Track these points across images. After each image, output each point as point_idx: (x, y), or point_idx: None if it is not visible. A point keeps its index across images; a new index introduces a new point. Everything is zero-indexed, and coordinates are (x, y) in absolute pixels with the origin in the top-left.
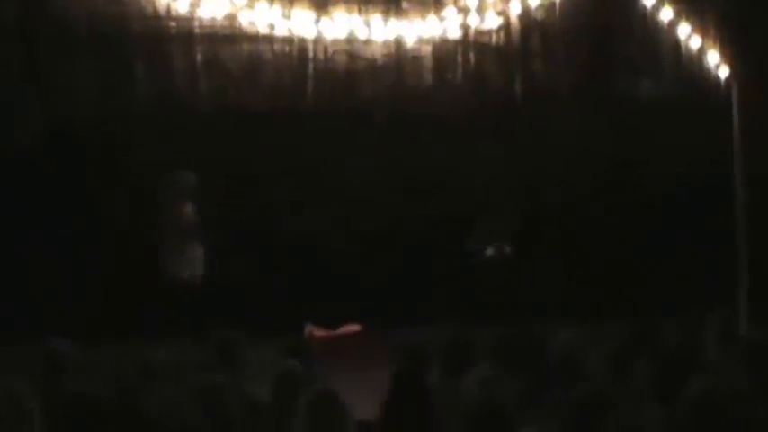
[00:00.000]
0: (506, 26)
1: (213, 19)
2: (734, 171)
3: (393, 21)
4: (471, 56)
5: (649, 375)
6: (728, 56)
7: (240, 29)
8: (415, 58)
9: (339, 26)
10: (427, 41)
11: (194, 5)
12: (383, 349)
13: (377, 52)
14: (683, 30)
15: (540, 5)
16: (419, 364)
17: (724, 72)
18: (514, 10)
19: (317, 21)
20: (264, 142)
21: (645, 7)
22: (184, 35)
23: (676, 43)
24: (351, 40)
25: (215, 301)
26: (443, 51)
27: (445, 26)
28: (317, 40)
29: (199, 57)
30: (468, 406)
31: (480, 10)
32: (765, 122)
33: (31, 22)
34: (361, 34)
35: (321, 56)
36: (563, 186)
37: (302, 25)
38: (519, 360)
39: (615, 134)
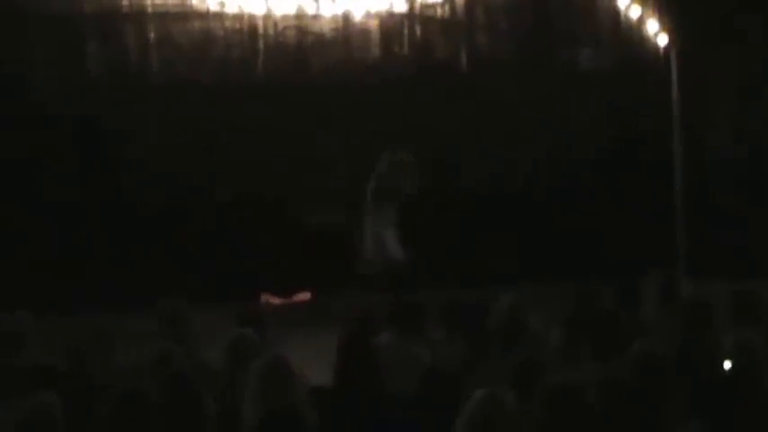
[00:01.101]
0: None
1: None
2: (672, 137)
3: None
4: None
5: (589, 336)
6: (667, 24)
7: (191, 7)
8: (363, 32)
9: (288, 2)
10: (374, 15)
11: None
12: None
13: (325, 27)
14: None
15: None
16: (367, 328)
17: (663, 40)
18: None
19: None
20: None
21: None
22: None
23: (616, 12)
24: (300, 15)
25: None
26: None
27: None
28: (267, 17)
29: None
30: (418, 369)
31: None
32: (703, 90)
33: None
34: (310, 9)
35: (271, 31)
36: (505, 155)
37: (252, 2)
38: (463, 324)
39: (556, 103)
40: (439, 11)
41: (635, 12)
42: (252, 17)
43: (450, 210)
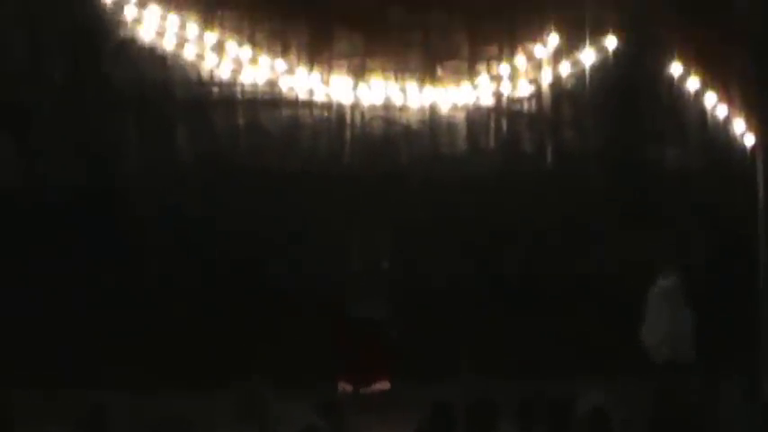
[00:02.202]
0: (538, 94)
1: (254, 84)
2: (758, 238)
3: (428, 88)
4: (504, 122)
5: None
6: (754, 125)
7: (280, 94)
8: (450, 125)
9: (376, 92)
10: (461, 108)
11: (236, 72)
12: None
13: (412, 118)
14: (709, 99)
15: (571, 74)
16: (447, 422)
17: (749, 140)
18: (545, 78)
19: (355, 87)
20: (302, 203)
21: (672, 77)
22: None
23: (703, 111)
24: (387, 105)
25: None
26: (477, 118)
27: (478, 93)
28: (355, 106)
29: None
30: None
31: (512, 78)
32: None
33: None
34: (398, 100)
35: (358, 121)
36: (590, 251)
37: (340, 91)
38: (542, 420)
39: (641, 201)
40: (525, 105)
41: (721, 111)
42: (340, 106)
43: (534, 300)
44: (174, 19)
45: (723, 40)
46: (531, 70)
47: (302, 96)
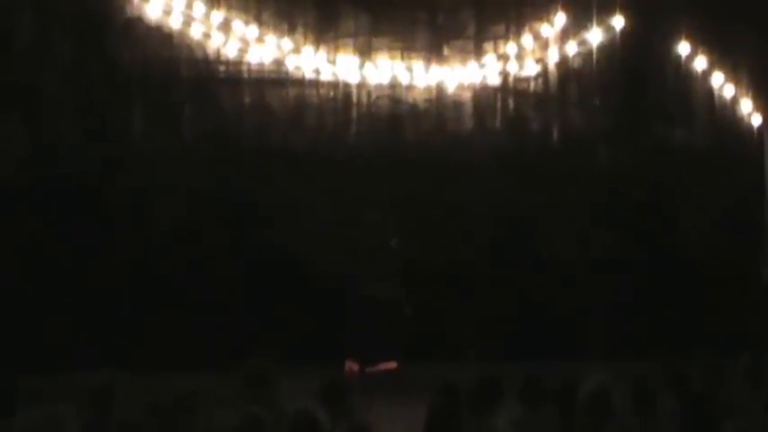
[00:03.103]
0: (545, 73)
1: (261, 63)
2: (765, 217)
3: (435, 67)
4: (510, 102)
5: (678, 416)
6: (761, 105)
7: (287, 73)
8: (456, 104)
9: (382, 71)
10: (468, 87)
11: (243, 51)
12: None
13: (419, 97)
14: (717, 79)
15: (578, 53)
16: (453, 400)
17: (756, 120)
18: (552, 58)
19: (361, 66)
20: (308, 182)
21: (679, 57)
22: (233, 79)
23: (710, 91)
24: (393, 85)
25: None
26: (483, 97)
27: (485, 73)
28: (361, 85)
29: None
30: None
31: (519, 57)
32: None
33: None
34: (404, 80)
35: (365, 100)
36: (594, 230)
37: (347, 70)
38: (547, 399)
39: (648, 179)
40: (532, 85)
41: (729, 91)
42: (346, 85)
43: (542, 280)
44: None
45: (731, 19)
46: (538, 49)
47: (309, 75)
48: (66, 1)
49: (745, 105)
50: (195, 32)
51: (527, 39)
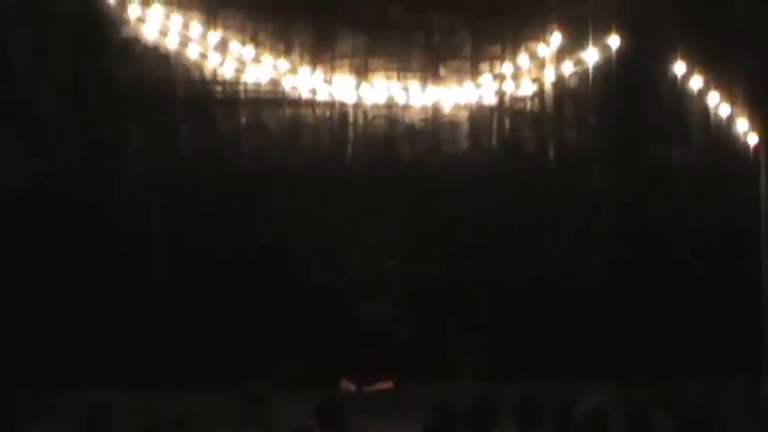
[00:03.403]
0: (541, 93)
1: (257, 84)
2: (760, 238)
3: (431, 87)
4: (506, 121)
5: None
6: (757, 124)
7: (283, 94)
8: (452, 124)
9: (378, 91)
10: (464, 107)
11: (239, 71)
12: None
13: (415, 117)
14: (713, 98)
15: (574, 73)
16: (447, 418)
17: (752, 139)
18: (549, 77)
19: (358, 86)
20: (304, 203)
21: (675, 76)
22: (229, 100)
23: (706, 110)
24: (390, 105)
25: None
26: (479, 117)
27: (481, 92)
28: (357, 105)
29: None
30: None
31: (515, 77)
32: None
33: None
34: (400, 100)
35: (361, 120)
36: (591, 250)
37: (343, 90)
38: (542, 420)
39: (644, 199)
40: (528, 104)
41: (724, 110)
42: (343, 105)
43: (538, 299)
44: (177, 18)
45: (726, 39)
46: (534, 69)
47: (305, 96)
48: (64, 22)
49: (741, 125)
50: (192, 53)
51: (523, 58)
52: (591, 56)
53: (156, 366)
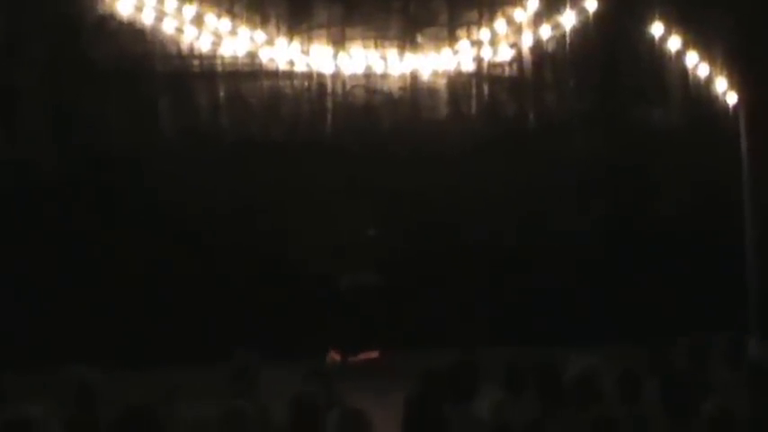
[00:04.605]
0: (519, 58)
1: (234, 56)
2: (742, 197)
3: (408, 55)
4: (485, 87)
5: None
6: (736, 83)
7: (261, 66)
8: (431, 91)
9: (356, 61)
10: (442, 74)
11: (216, 44)
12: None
13: (393, 85)
14: (691, 58)
15: (552, 37)
16: (434, 387)
17: (731, 98)
18: (526, 42)
19: (335, 56)
20: (285, 173)
21: (653, 37)
22: (207, 73)
23: (684, 71)
24: (368, 74)
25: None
26: (458, 83)
27: (459, 59)
28: (336, 75)
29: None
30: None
31: (493, 43)
32: None
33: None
34: (378, 69)
35: (339, 90)
36: (573, 214)
37: (321, 61)
38: (530, 383)
39: (625, 161)
40: (507, 70)
41: (703, 71)
42: (321, 76)
43: (521, 267)
44: None
45: None
46: (512, 34)
47: (282, 67)
48: None
49: (721, 84)
50: (168, 27)
51: (500, 24)
52: (568, 19)
53: (142, 342)
